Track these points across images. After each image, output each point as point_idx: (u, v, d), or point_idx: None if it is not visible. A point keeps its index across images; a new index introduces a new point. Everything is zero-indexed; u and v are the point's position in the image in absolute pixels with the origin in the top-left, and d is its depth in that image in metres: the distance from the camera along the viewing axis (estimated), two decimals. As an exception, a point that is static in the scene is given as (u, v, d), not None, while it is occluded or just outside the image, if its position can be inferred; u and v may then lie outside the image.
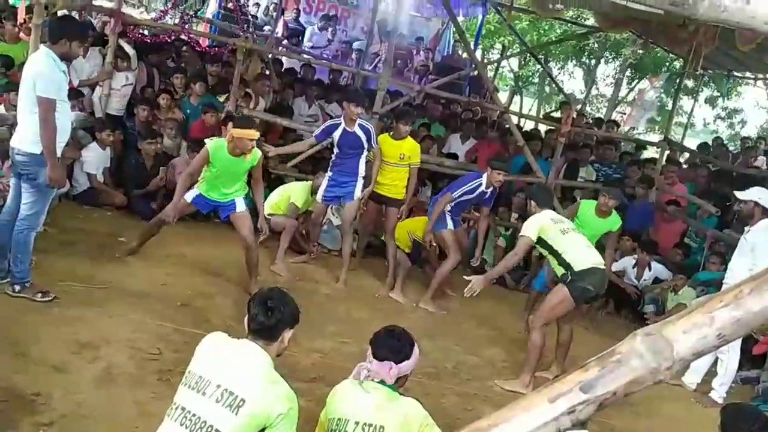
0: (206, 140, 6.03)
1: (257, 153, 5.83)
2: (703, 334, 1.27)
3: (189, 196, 5.88)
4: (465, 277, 5.70)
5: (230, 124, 5.90)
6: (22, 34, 8.03)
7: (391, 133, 6.97)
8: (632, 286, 7.89)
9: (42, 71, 4.54)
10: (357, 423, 3.00)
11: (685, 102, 19.18)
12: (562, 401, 1.30)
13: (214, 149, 5.68)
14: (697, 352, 1.30)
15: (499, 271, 5.98)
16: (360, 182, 6.75)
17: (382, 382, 3.09)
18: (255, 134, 5.68)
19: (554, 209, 5.86)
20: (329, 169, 6.83)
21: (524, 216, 6.34)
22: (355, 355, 3.27)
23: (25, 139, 4.62)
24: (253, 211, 6.08)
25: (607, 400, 1.30)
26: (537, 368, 5.49)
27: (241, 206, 5.91)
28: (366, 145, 6.64)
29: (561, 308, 5.41)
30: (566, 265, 5.29)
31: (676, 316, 1.33)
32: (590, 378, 1.30)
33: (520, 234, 5.54)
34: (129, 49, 8.25)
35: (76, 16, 8.66)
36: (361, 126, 6.58)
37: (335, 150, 6.74)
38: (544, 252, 5.52)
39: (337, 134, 6.60)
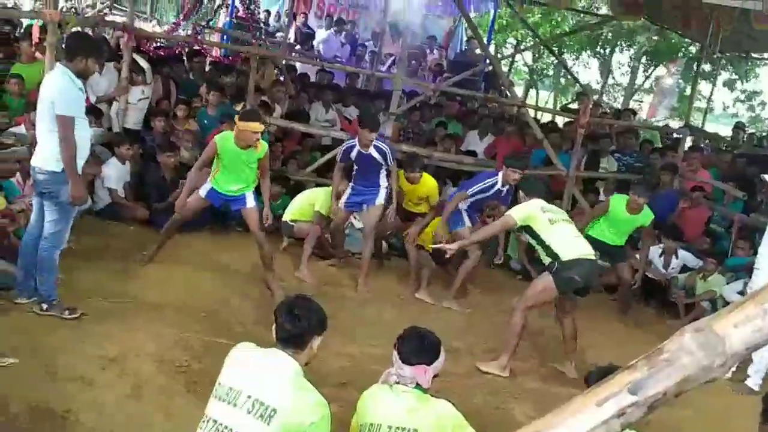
0: None
1: (264, 146, 5.91)
2: (757, 326, 1.21)
3: (203, 191, 5.99)
4: (434, 246, 5.83)
5: (236, 117, 5.95)
6: (38, 54, 8.07)
7: (405, 176, 6.95)
8: (660, 274, 7.79)
9: (60, 89, 4.54)
10: (390, 427, 2.96)
11: (704, 86, 18.98)
12: (610, 404, 1.24)
13: (222, 141, 5.79)
14: (751, 346, 1.24)
15: (467, 243, 5.92)
16: (383, 191, 6.81)
17: (417, 386, 3.06)
18: (260, 127, 5.72)
19: (545, 200, 5.77)
20: (352, 180, 6.88)
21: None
22: (385, 358, 3.22)
23: (46, 158, 4.63)
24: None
25: (657, 401, 1.25)
26: (515, 351, 5.47)
27: (251, 201, 5.99)
28: (383, 164, 6.69)
29: (543, 296, 5.41)
30: (553, 255, 5.27)
31: (726, 309, 1.28)
32: (639, 378, 1.24)
33: (506, 213, 5.55)
34: (143, 63, 8.29)
35: (90, 33, 8.69)
36: (376, 147, 6.61)
37: (355, 166, 6.79)
38: (532, 242, 5.48)
39: (353, 155, 6.67)
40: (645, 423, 3.82)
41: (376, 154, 6.60)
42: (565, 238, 5.30)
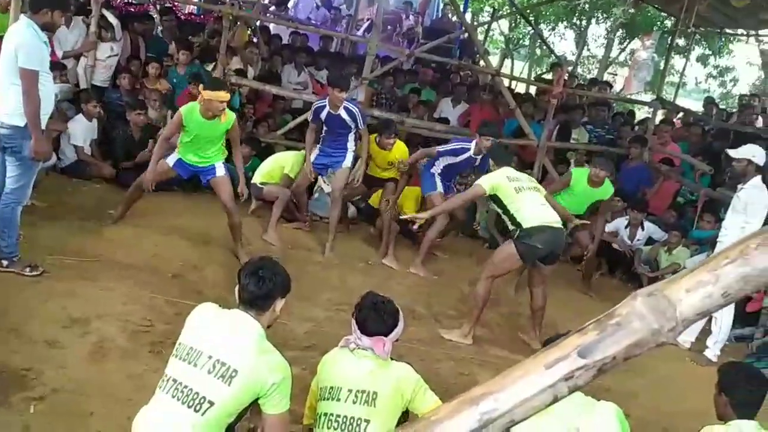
0: None
1: (231, 115, 5.78)
2: (708, 292, 1.22)
3: (170, 161, 5.89)
4: (405, 216, 5.87)
5: (201, 86, 5.78)
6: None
7: (378, 140, 6.88)
8: (625, 246, 7.88)
9: (23, 42, 4.43)
10: (350, 390, 2.97)
11: (677, 61, 19.08)
12: (559, 367, 1.25)
13: (187, 112, 5.63)
14: (702, 312, 1.24)
15: (439, 210, 6.02)
16: (350, 154, 6.80)
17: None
18: (226, 96, 5.57)
19: (513, 167, 5.79)
20: (320, 141, 6.83)
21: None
22: (349, 323, 3.22)
23: (8, 112, 4.52)
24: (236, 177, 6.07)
25: (606, 365, 1.25)
26: (478, 319, 5.54)
27: (221, 171, 5.89)
28: (353, 126, 6.64)
29: (506, 264, 5.45)
30: (517, 224, 5.30)
31: (679, 275, 1.28)
32: (588, 342, 1.25)
33: (475, 182, 5.58)
34: (113, 19, 8.11)
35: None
36: (346, 109, 6.56)
37: (324, 127, 6.74)
38: (499, 210, 5.50)
39: (323, 115, 6.63)
40: (605, 390, 3.90)
41: (345, 116, 6.55)
42: (530, 207, 5.31)
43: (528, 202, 5.32)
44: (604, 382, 4.85)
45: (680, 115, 11.55)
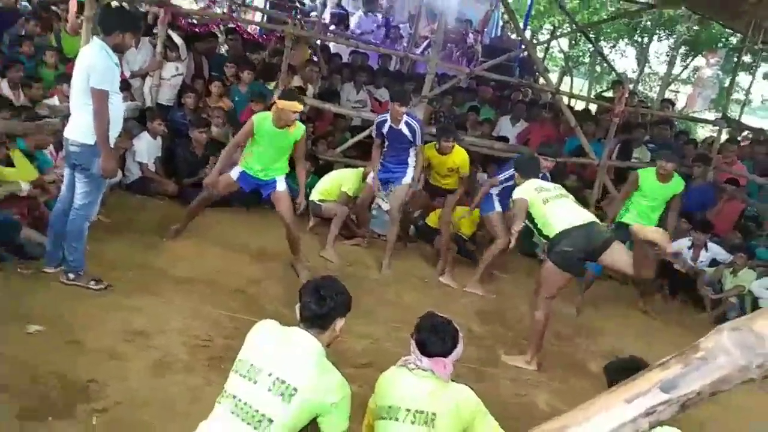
0: None
1: (301, 127, 5.90)
2: (798, 327, 1.17)
3: (234, 174, 5.97)
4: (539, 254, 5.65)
5: (275, 96, 5.91)
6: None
7: (437, 147, 6.83)
8: (688, 267, 7.67)
9: (96, 63, 4.56)
10: (408, 410, 2.93)
11: (742, 78, 18.62)
12: (640, 402, 1.20)
13: (259, 120, 5.79)
14: (792, 348, 1.19)
15: (514, 231, 5.35)
16: (411, 170, 6.77)
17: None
18: (299, 106, 5.73)
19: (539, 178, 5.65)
20: (382, 156, 6.85)
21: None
22: (407, 341, 3.19)
23: (79, 130, 4.66)
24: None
25: (689, 400, 1.20)
26: (541, 344, 5.36)
27: (281, 186, 5.97)
28: (412, 141, 6.64)
29: (552, 280, 5.15)
30: (544, 236, 5.18)
31: (767, 308, 1.23)
32: (672, 376, 1.20)
33: (513, 199, 5.42)
34: (178, 40, 8.30)
35: (127, 7, 8.73)
36: (407, 123, 6.57)
37: (386, 142, 6.77)
38: (529, 224, 5.34)
39: (385, 129, 6.68)
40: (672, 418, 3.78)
41: (406, 131, 6.57)
42: (555, 215, 5.11)
43: (554, 212, 5.14)
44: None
45: (745, 133, 11.24)
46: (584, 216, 5.16)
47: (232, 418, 2.65)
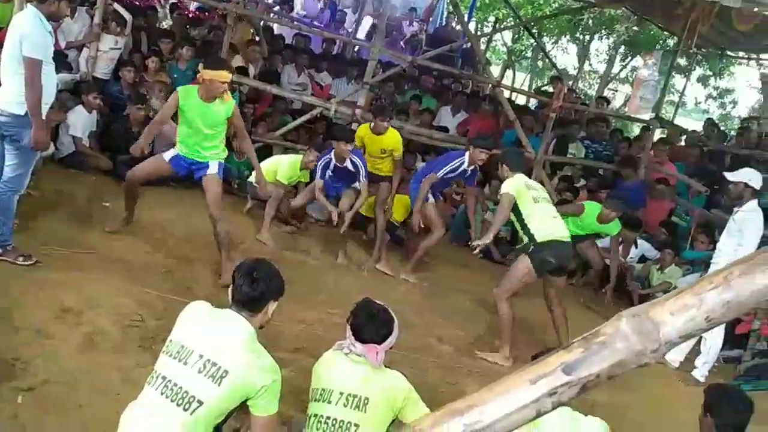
0: None
1: (231, 101, 5.45)
2: (691, 316, 1.24)
3: (167, 156, 5.58)
4: (470, 243, 5.76)
5: (200, 65, 5.52)
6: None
7: (372, 125, 6.85)
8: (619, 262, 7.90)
9: (28, 31, 4.44)
10: (341, 393, 2.98)
11: (677, 80, 19.17)
12: (543, 383, 1.27)
13: (184, 93, 5.32)
14: (685, 335, 1.27)
15: (495, 228, 5.52)
16: (357, 183, 6.80)
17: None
18: (227, 75, 5.26)
19: (527, 174, 5.81)
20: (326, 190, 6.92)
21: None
22: (341, 327, 3.23)
23: (10, 100, 4.53)
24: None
25: (590, 382, 1.28)
26: (514, 339, 5.50)
27: (213, 169, 5.47)
28: (357, 175, 6.68)
29: (525, 279, 5.40)
30: (530, 236, 5.30)
31: (664, 297, 1.31)
32: (573, 359, 1.27)
33: (501, 193, 5.48)
34: (126, 15, 8.12)
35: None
36: (352, 162, 6.61)
37: (329, 173, 6.80)
38: (513, 218, 5.45)
39: (329, 171, 6.73)
40: (590, 405, 3.92)
41: (351, 168, 6.63)
42: (543, 219, 5.32)
43: (542, 214, 5.33)
44: (589, 396, 4.88)
45: (684, 136, 11.58)
46: (566, 231, 5.45)
47: (162, 399, 2.64)
